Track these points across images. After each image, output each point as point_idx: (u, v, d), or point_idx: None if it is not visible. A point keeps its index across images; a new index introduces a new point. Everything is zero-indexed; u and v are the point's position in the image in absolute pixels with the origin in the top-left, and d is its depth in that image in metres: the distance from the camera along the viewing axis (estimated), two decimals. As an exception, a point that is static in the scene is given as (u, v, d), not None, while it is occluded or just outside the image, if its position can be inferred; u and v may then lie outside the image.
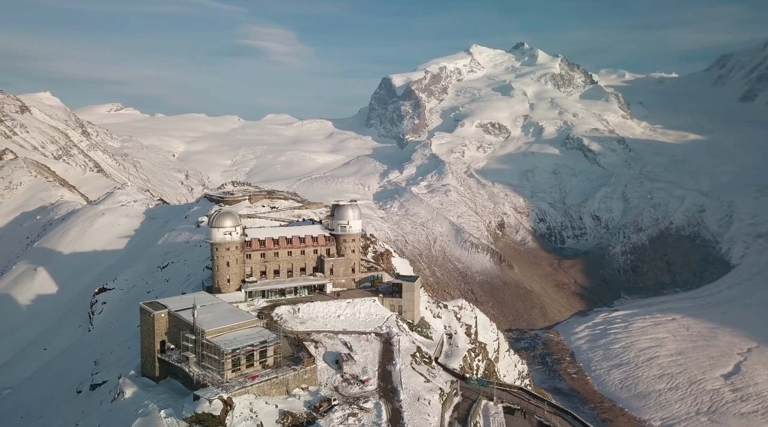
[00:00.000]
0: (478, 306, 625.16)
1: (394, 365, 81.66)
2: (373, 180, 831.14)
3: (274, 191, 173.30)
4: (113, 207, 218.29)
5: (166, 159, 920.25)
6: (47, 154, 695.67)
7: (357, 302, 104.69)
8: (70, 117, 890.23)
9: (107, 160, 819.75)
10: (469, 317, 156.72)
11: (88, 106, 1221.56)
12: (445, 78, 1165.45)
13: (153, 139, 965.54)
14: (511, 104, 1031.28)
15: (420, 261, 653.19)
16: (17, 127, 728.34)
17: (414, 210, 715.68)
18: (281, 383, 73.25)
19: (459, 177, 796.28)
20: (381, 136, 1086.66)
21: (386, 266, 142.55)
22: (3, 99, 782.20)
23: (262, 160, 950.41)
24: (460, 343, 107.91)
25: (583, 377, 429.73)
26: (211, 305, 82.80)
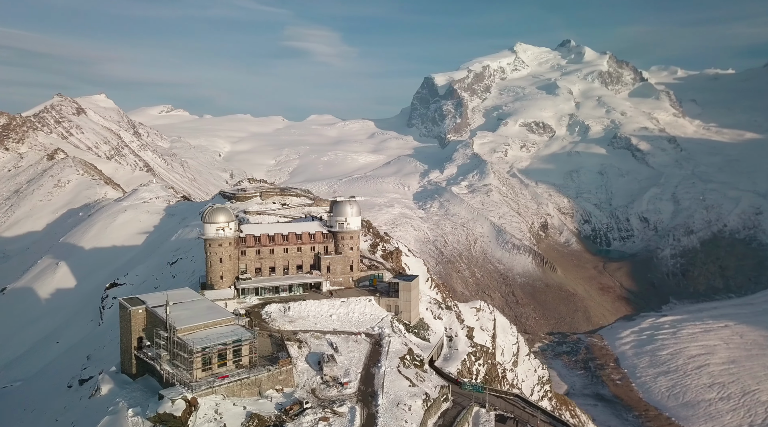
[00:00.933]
0: (519, 308, 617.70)
1: (379, 368, 78.81)
2: (413, 180, 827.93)
3: (287, 188, 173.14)
4: (135, 204, 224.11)
5: (212, 159, 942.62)
6: (100, 154, 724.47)
7: (351, 301, 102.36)
8: (123, 118, 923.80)
9: (156, 160, 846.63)
10: (487, 320, 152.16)
11: (140, 108, 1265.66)
12: (488, 77, 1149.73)
13: (200, 140, 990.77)
14: (556, 103, 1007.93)
15: (459, 262, 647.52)
16: (73, 128, 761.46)
17: (454, 210, 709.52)
18: (253, 383, 71.16)
19: (501, 177, 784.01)
20: (422, 136, 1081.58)
21: (395, 264, 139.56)
22: (61, 102, 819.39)
23: (304, 160, 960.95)
24: (460, 346, 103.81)
25: (628, 383, 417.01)
26: (192, 301, 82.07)
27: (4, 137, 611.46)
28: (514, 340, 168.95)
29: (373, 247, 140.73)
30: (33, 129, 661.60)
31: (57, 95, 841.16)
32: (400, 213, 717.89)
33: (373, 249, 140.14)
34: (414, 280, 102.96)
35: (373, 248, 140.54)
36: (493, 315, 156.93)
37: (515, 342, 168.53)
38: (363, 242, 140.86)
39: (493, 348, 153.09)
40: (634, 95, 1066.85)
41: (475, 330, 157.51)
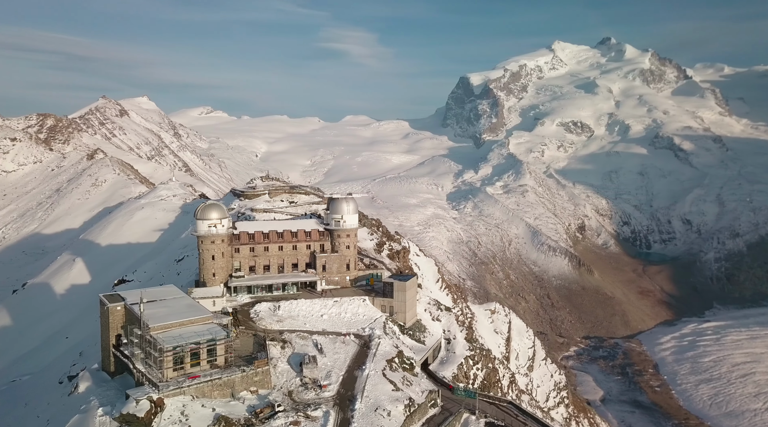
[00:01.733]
0: (554, 311, 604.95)
1: (362, 371, 76.14)
2: (447, 180, 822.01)
3: (296, 186, 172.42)
4: (153, 201, 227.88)
5: (249, 159, 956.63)
6: (141, 154, 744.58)
7: (344, 301, 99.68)
8: (164, 120, 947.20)
9: (195, 160, 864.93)
10: (502, 323, 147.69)
11: (181, 110, 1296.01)
12: (525, 76, 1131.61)
13: (238, 140, 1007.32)
14: (594, 102, 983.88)
15: (493, 264, 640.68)
16: (116, 129, 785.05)
17: (488, 211, 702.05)
18: (225, 384, 69.00)
19: (537, 177, 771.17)
20: (457, 136, 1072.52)
21: (402, 264, 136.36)
22: (105, 104, 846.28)
23: (339, 161, 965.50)
24: (458, 349, 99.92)
25: (667, 391, 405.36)
26: (174, 299, 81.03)
27: (51, 138, 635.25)
28: (530, 343, 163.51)
29: (379, 246, 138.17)
30: (78, 130, 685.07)
31: (102, 98, 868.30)
32: (433, 214, 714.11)
33: (379, 248, 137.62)
34: (410, 280, 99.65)
35: (379, 246, 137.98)
36: (508, 318, 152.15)
37: (531, 346, 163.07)
38: (369, 240, 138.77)
39: (507, 352, 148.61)
40: (677, 94, 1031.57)
41: (488, 333, 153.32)
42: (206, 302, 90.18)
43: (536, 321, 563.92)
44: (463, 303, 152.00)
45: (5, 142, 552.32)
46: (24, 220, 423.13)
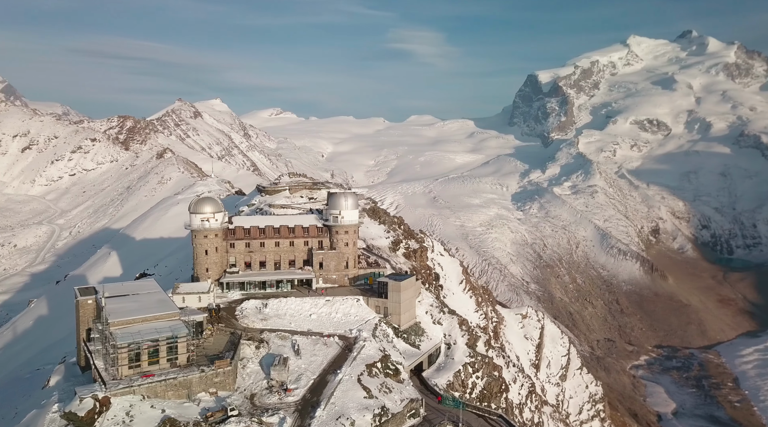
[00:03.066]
0: (624, 318, 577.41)
1: (336, 375, 71.82)
2: (512, 180, 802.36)
3: (320, 182, 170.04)
4: (188, 197, 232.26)
5: (315, 159, 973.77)
6: (212, 154, 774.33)
7: (337, 300, 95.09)
8: (235, 121, 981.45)
9: (262, 160, 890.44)
10: (534, 328, 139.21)
11: (252, 111, 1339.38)
12: (597, 72, 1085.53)
13: (305, 141, 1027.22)
14: (672, 98, 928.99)
15: (559, 267, 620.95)
16: (190, 130, 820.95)
17: (555, 212, 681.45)
18: (181, 385, 65.62)
19: (608, 178, 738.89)
20: (524, 135, 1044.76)
21: (419, 263, 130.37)
22: (181, 106, 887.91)
23: (402, 161, 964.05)
24: (456, 355, 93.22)
25: (749, 407, 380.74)
26: (148, 294, 79.67)
27: (129, 139, 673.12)
28: (564, 351, 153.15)
29: (395, 244, 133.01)
30: (154, 131, 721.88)
31: (178, 100, 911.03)
32: (497, 214, 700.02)
33: (394, 246, 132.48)
34: (406, 280, 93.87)
35: (395, 245, 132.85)
36: (541, 323, 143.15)
37: (565, 354, 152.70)
38: (384, 238, 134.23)
39: (537, 359, 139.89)
40: (767, 89, 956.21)
41: (517, 338, 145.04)
42: (192, 298, 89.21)
43: (604, 327, 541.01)
44: (488, 307, 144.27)
45: (86, 142, 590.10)
46: (97, 215, 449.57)
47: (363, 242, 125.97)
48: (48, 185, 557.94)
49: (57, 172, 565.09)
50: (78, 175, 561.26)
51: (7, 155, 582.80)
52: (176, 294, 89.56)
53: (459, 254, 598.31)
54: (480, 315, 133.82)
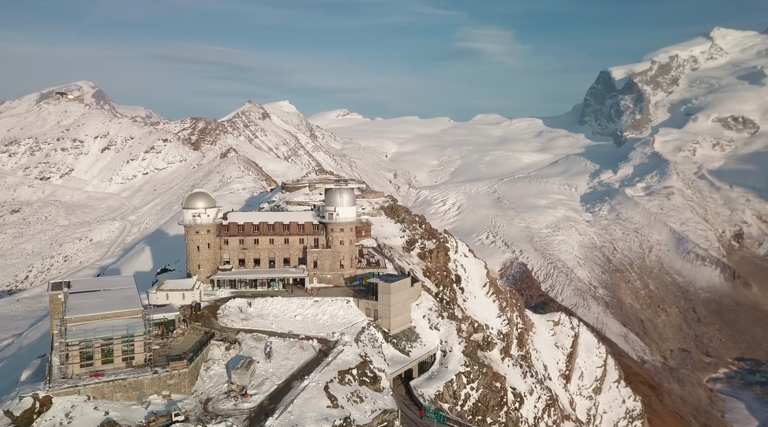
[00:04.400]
0: (701, 327, 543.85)
1: (302, 381, 67.33)
2: (581, 180, 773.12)
3: (344, 180, 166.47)
4: (223, 194, 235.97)
5: (379, 159, 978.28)
6: (279, 154, 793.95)
7: (325, 301, 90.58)
8: (302, 122, 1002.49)
9: (327, 160, 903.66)
10: (566, 336, 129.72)
11: (320, 113, 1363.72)
12: (676, 68, 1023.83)
13: (370, 141, 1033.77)
14: (761, 94, 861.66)
15: (630, 271, 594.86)
16: (258, 131, 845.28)
17: (627, 214, 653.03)
18: (131, 386, 63.37)
19: (686, 178, 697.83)
20: (595, 134, 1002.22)
21: (435, 265, 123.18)
22: (251, 108, 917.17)
23: (467, 160, 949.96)
24: (451, 363, 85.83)
25: None
26: (118, 289, 78.26)
27: (200, 140, 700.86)
28: (600, 362, 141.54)
29: (409, 244, 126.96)
30: (224, 132, 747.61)
31: (248, 102, 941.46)
32: (564, 216, 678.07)
33: (409, 246, 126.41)
34: (399, 281, 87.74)
35: (409, 244, 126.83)
36: (575, 331, 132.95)
37: (601, 365, 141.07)
38: (399, 237, 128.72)
39: (567, 369, 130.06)
40: None
41: (547, 347, 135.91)
42: (176, 295, 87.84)
43: (678, 337, 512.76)
44: (514, 312, 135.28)
45: (158, 143, 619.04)
46: (164, 212, 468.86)
47: (374, 241, 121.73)
48: (123, 183, 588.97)
49: (132, 171, 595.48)
50: (150, 174, 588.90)
51: (89, 155, 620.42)
52: (160, 290, 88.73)
53: (523, 257, 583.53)
54: (502, 321, 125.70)
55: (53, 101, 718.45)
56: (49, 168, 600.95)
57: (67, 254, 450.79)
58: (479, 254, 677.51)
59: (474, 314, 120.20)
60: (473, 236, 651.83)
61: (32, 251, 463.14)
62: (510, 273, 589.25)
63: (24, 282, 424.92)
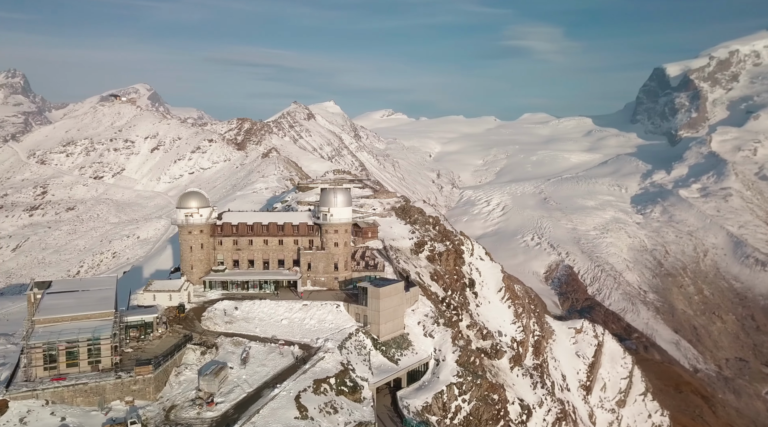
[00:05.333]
0: (760, 336, 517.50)
1: (273, 390, 64.15)
2: (632, 181, 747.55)
3: (359, 179, 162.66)
4: (246, 193, 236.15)
5: (422, 159, 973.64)
6: (323, 154, 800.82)
7: (315, 305, 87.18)
8: (347, 122, 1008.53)
9: (370, 160, 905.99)
10: (588, 345, 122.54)
11: (365, 113, 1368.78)
12: (736, 63, 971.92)
13: (413, 141, 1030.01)
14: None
15: (683, 276, 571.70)
16: (303, 131, 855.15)
17: (680, 216, 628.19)
18: (92, 391, 61.68)
19: (746, 179, 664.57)
20: (648, 133, 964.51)
21: (445, 268, 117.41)
22: (296, 108, 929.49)
23: (512, 160, 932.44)
24: (443, 373, 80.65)
25: None
26: (97, 290, 77.07)
27: (246, 140, 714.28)
28: (625, 373, 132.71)
29: (418, 246, 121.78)
30: (269, 133, 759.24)
31: (293, 103, 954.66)
32: (613, 217, 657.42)
33: (417, 248, 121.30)
34: (389, 286, 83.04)
35: (418, 246, 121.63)
36: (598, 340, 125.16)
37: (626, 376, 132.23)
38: (408, 239, 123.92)
39: (588, 380, 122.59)
40: None
41: (567, 355, 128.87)
42: (162, 296, 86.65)
43: (735, 345, 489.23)
44: (531, 318, 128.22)
45: (204, 143, 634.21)
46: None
47: (381, 243, 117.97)
48: (170, 183, 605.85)
49: (178, 171, 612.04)
50: (196, 174, 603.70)
51: (139, 155, 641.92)
52: (147, 291, 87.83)
53: (569, 259, 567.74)
54: (517, 327, 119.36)
55: (108, 104, 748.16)
56: (102, 167, 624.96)
57: (115, 251, 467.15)
58: (524, 255, 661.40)
59: (487, 320, 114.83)
60: (518, 237, 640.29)
61: (84, 247, 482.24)
62: (555, 276, 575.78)
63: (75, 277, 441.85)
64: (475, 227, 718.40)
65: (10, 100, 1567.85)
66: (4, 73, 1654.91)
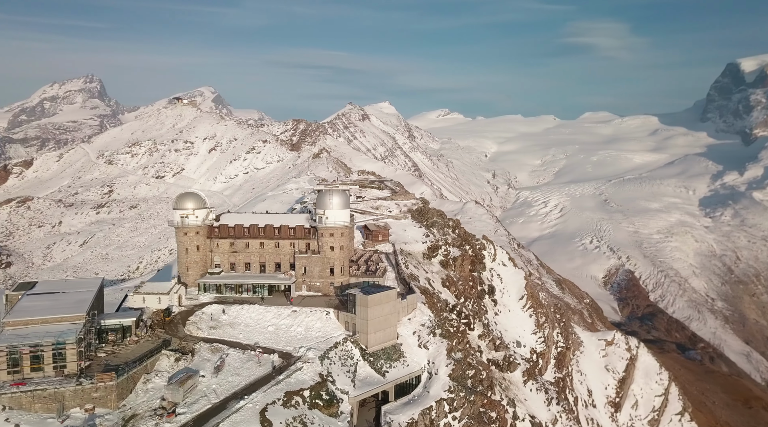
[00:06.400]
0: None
1: (238, 402, 60.55)
2: (701, 183, 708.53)
3: (380, 181, 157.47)
4: (277, 194, 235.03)
5: (477, 159, 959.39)
6: (377, 155, 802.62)
7: (304, 312, 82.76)
8: (401, 123, 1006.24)
9: (424, 161, 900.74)
10: (619, 358, 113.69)
11: (420, 113, 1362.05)
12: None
13: (469, 141, 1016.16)
14: None
15: (756, 284, 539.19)
16: (357, 132, 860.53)
17: (754, 220, 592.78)
18: (51, 397, 59.79)
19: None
20: (719, 132, 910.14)
21: (459, 273, 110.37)
22: (351, 109, 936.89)
23: (572, 160, 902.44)
24: (434, 388, 74.15)
25: None
26: (78, 292, 75.93)
27: (301, 141, 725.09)
28: (661, 390, 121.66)
29: (431, 250, 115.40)
30: (324, 133, 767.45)
31: (348, 104, 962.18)
32: (679, 221, 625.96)
33: (431, 253, 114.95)
34: (379, 293, 77.55)
35: (431, 251, 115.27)
36: (630, 353, 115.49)
37: (661, 394, 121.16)
38: (421, 243, 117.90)
39: (618, 396, 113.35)
40: None
41: (595, 369, 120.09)
42: (152, 299, 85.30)
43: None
44: (555, 329, 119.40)
45: (259, 144, 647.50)
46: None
47: (391, 246, 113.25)
48: (226, 182, 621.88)
49: (234, 171, 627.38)
50: (250, 174, 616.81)
51: (198, 156, 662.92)
52: (137, 293, 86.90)
53: (630, 263, 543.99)
54: (538, 338, 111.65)
55: (170, 106, 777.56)
56: (163, 167, 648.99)
57: (172, 248, 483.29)
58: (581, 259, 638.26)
59: (505, 329, 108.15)
60: (575, 240, 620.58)
61: (144, 243, 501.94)
62: (615, 281, 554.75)
63: (134, 272, 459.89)
64: (531, 228, 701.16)
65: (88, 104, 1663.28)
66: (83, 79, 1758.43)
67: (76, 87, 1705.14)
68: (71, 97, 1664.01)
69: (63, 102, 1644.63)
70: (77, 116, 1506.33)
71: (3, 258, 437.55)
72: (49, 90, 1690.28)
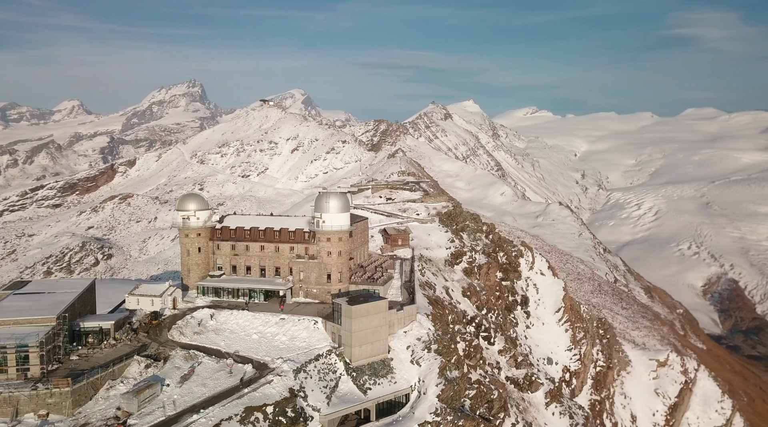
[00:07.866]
0: None
1: (192, 415, 56.61)
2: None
3: (413, 182, 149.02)
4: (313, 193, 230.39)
5: (566, 158, 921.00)
6: (458, 154, 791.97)
7: (292, 320, 77.69)
8: (485, 121, 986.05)
9: (508, 160, 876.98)
10: (672, 382, 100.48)
11: (507, 111, 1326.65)
12: None
13: (557, 140, 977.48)
14: None
15: None
16: (439, 131, 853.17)
17: None
18: (5, 401, 58.96)
19: None
20: None
21: (484, 281, 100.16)
22: (433, 109, 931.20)
23: (670, 160, 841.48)
24: (419, 409, 65.85)
25: None
26: (63, 292, 74.80)
27: (381, 141, 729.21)
28: (721, 420, 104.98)
29: (454, 257, 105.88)
30: (404, 133, 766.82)
31: (431, 103, 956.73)
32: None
33: (454, 260, 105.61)
34: (366, 304, 70.60)
35: (454, 258, 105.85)
36: (687, 377, 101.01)
37: (722, 424, 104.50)
38: (445, 249, 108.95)
39: (667, 424, 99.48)
40: None
41: (642, 392, 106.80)
42: (145, 301, 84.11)
43: None
44: (594, 345, 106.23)
45: (338, 144, 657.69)
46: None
47: (410, 251, 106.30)
48: (306, 181, 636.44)
49: (314, 171, 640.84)
50: (329, 173, 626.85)
51: (281, 156, 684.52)
52: (131, 295, 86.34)
53: (734, 272, 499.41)
54: (573, 355, 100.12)
55: (258, 108, 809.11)
56: (249, 167, 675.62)
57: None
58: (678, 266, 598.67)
59: (536, 344, 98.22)
60: (672, 246, 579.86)
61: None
62: (716, 290, 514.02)
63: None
64: (622, 232, 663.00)
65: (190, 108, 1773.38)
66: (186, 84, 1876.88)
67: (180, 91, 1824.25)
68: (176, 101, 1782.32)
69: (169, 106, 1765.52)
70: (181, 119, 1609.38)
71: (105, 250, 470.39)
72: (157, 95, 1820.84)
